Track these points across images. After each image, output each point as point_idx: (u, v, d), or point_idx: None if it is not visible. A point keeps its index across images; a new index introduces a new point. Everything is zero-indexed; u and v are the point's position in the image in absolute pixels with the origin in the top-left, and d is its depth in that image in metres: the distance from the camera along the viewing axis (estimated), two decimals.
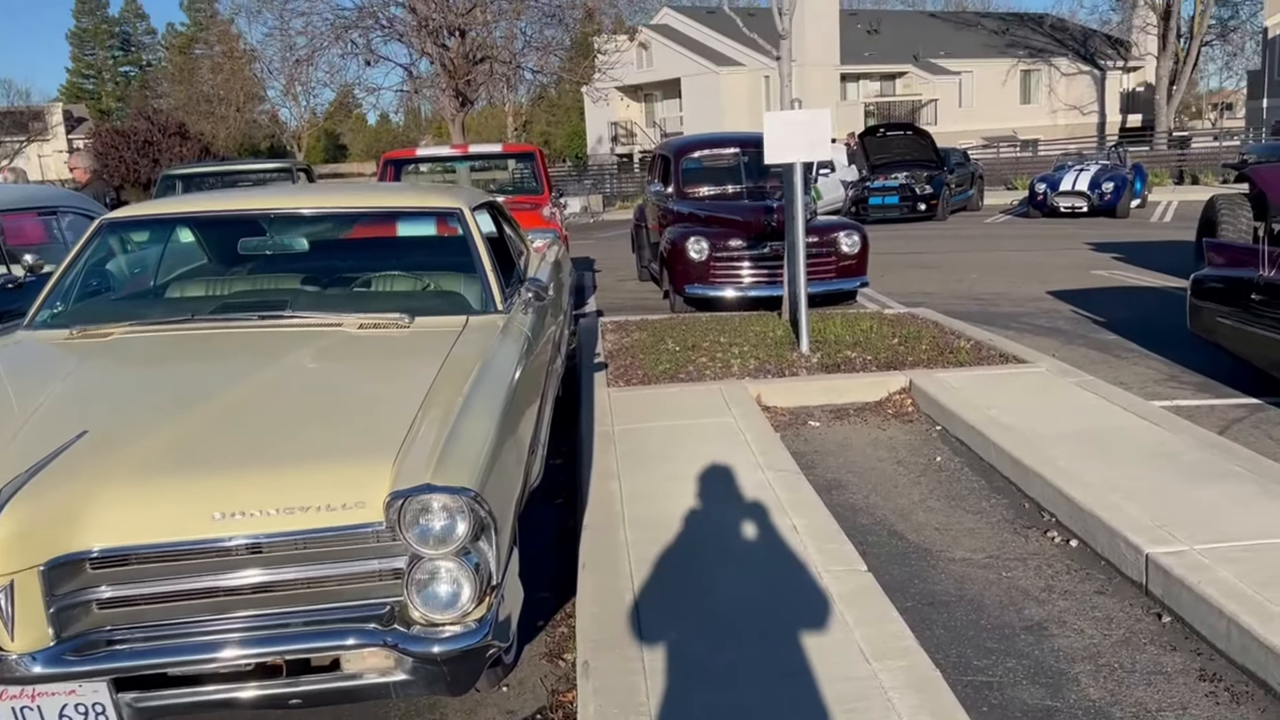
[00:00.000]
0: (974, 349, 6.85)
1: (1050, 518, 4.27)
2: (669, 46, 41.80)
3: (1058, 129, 44.26)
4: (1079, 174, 19.62)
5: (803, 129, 6.46)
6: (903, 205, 20.19)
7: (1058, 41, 46.57)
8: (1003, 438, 4.92)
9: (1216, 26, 42.99)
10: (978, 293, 10.58)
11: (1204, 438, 4.78)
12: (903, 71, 44.46)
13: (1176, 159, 29.96)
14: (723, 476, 4.52)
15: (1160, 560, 3.48)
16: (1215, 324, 6.23)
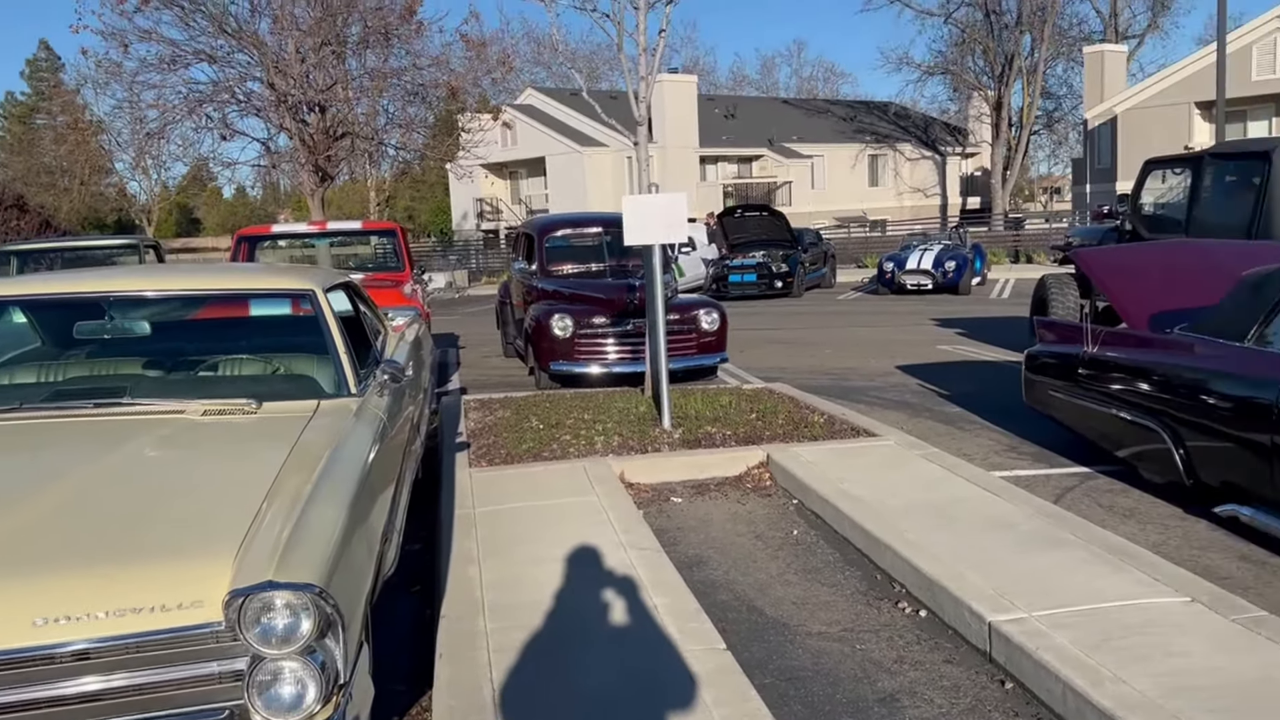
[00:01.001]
0: (827, 423, 7.07)
1: (901, 589, 4.41)
2: (533, 126, 42.39)
3: (904, 210, 46.76)
4: (923, 253, 20.71)
5: (660, 211, 6.64)
6: (760, 283, 20.84)
7: (901, 128, 49.43)
8: (855, 510, 5.08)
9: (1043, 117, 46.51)
10: (831, 367, 10.97)
11: (1040, 507, 5.05)
12: (759, 154, 46.28)
13: (1012, 239, 32.02)
14: (585, 558, 4.49)
15: (1002, 628, 3.63)
16: (1047, 397, 6.63)
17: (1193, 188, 9.16)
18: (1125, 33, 45.06)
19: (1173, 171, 9.75)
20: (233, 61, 23.12)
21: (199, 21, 22.26)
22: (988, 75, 42.67)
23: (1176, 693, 3.09)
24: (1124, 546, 4.40)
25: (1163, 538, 4.92)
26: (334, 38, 23.93)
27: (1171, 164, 9.91)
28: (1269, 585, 4.28)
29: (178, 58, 22.29)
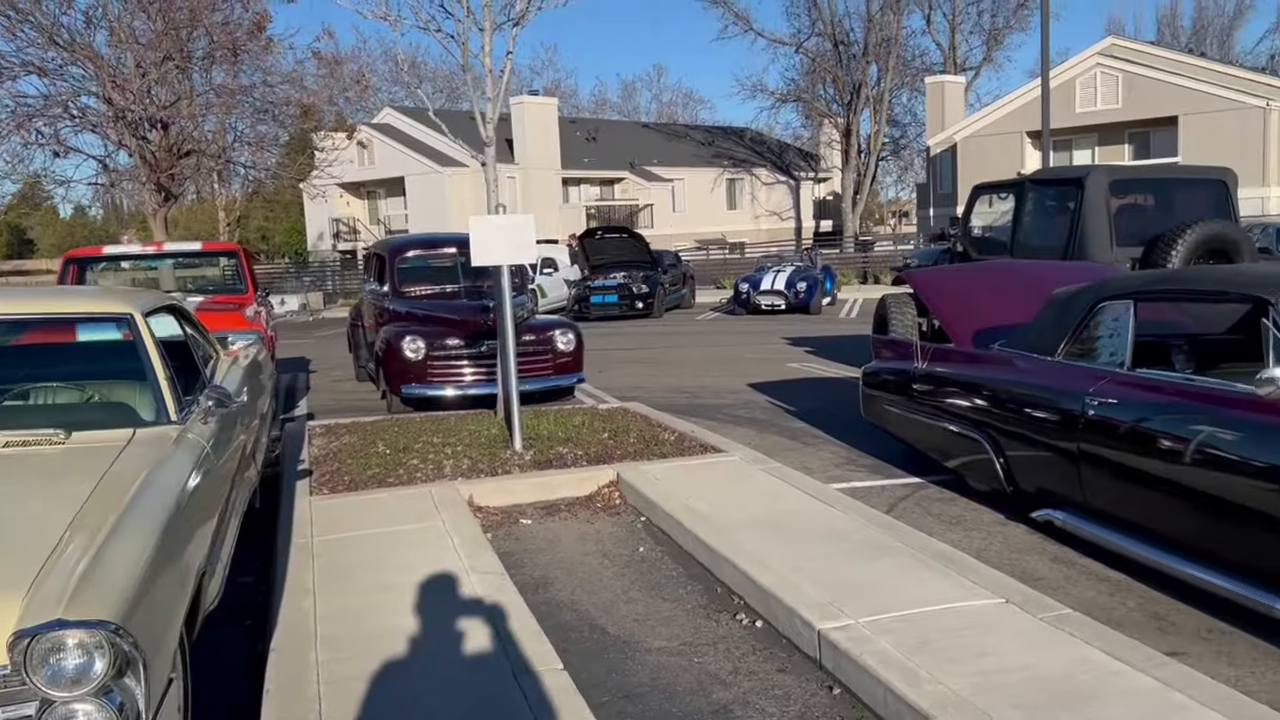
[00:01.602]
0: (678, 441, 7.18)
1: (740, 601, 4.51)
2: (391, 145, 41.68)
3: (761, 232, 48.01)
4: (777, 274, 21.31)
5: (508, 232, 6.63)
6: (622, 303, 21.02)
7: (757, 153, 50.76)
8: (698, 526, 5.17)
9: (890, 144, 48.63)
10: (687, 386, 11.14)
11: (872, 517, 5.25)
12: (621, 177, 46.76)
13: (861, 261, 33.26)
14: (425, 585, 4.42)
15: (830, 635, 3.76)
16: (883, 411, 6.91)
17: (1016, 211, 9.75)
18: (963, 65, 47.62)
19: (998, 196, 10.36)
20: (65, 75, 21.92)
21: (27, 32, 21.04)
22: (837, 103, 44.33)
23: (987, 690, 3.26)
24: (948, 553, 4.62)
25: (985, 543, 5.19)
26: (178, 52, 22.99)
27: (997, 189, 10.53)
28: (1076, 584, 4.57)
29: (3, 70, 21.00)
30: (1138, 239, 8.77)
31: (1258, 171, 31.54)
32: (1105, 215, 8.76)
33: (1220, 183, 9.36)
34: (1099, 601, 4.33)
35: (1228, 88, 32.96)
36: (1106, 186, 8.84)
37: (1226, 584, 4.00)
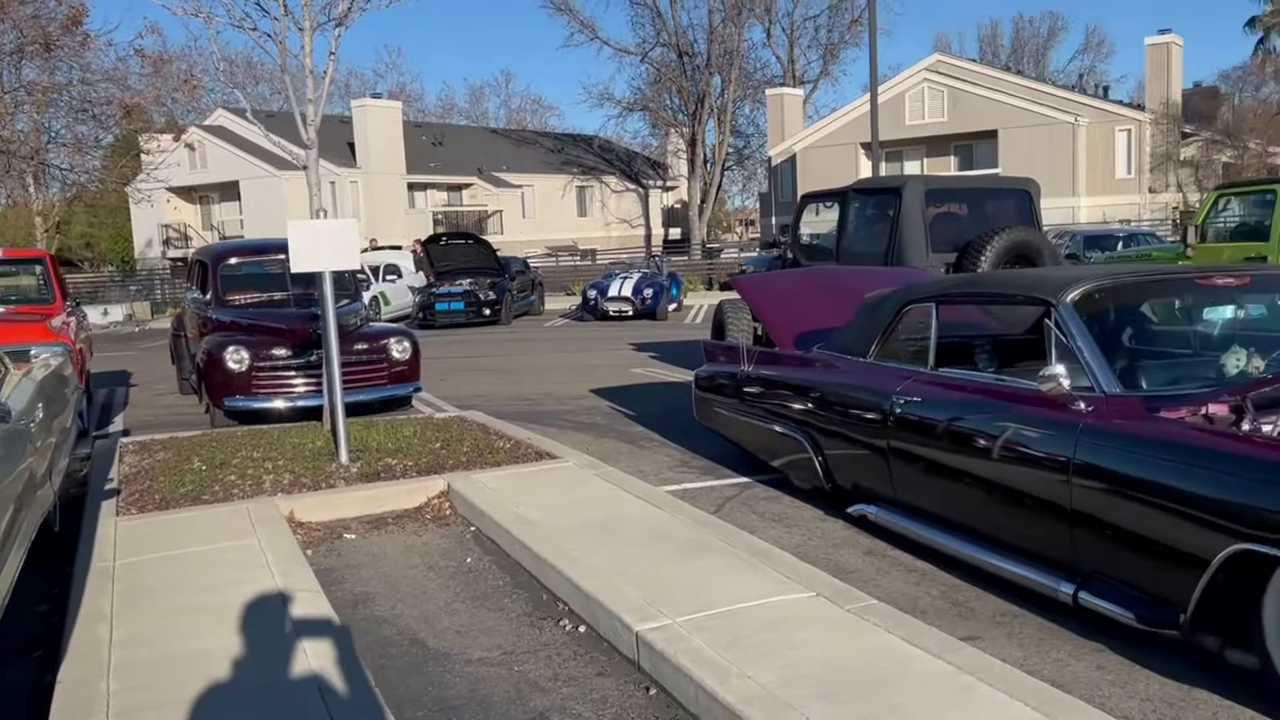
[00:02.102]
0: (513, 448, 7.13)
1: (564, 607, 4.50)
2: (224, 148, 39.96)
3: (612, 239, 48.36)
4: (624, 281, 21.51)
5: (329, 237, 6.44)
6: (468, 310, 20.77)
7: (607, 161, 51.12)
8: (526, 534, 5.14)
9: (735, 154, 49.83)
10: (530, 393, 11.09)
11: (698, 517, 5.34)
12: (469, 183, 46.24)
13: (707, 267, 33.91)
14: (233, 607, 4.23)
15: (647, 636, 3.80)
16: (713, 413, 7.05)
17: (840, 219, 10.15)
18: (802, 78, 49.32)
19: (824, 205, 10.76)
20: None
21: None
22: (683, 113, 45.11)
23: (793, 682, 3.36)
24: (766, 550, 4.75)
25: (804, 539, 5.36)
26: None
27: (823, 198, 10.93)
28: (886, 575, 4.76)
29: None
30: (951, 245, 9.27)
31: (1068, 182, 33.86)
32: (921, 223, 9.22)
33: (1025, 192, 10.00)
34: (906, 591, 4.53)
35: (1041, 104, 35.27)
36: (922, 196, 9.31)
37: (1018, 569, 4.25)
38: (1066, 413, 4.00)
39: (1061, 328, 4.20)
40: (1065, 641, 3.92)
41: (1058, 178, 33.61)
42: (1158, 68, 35.32)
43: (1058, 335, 4.20)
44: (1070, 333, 4.17)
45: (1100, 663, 3.72)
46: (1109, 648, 3.82)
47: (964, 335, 5.37)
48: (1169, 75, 35.04)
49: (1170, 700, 3.41)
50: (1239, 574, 3.29)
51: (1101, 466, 3.77)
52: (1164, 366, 4.38)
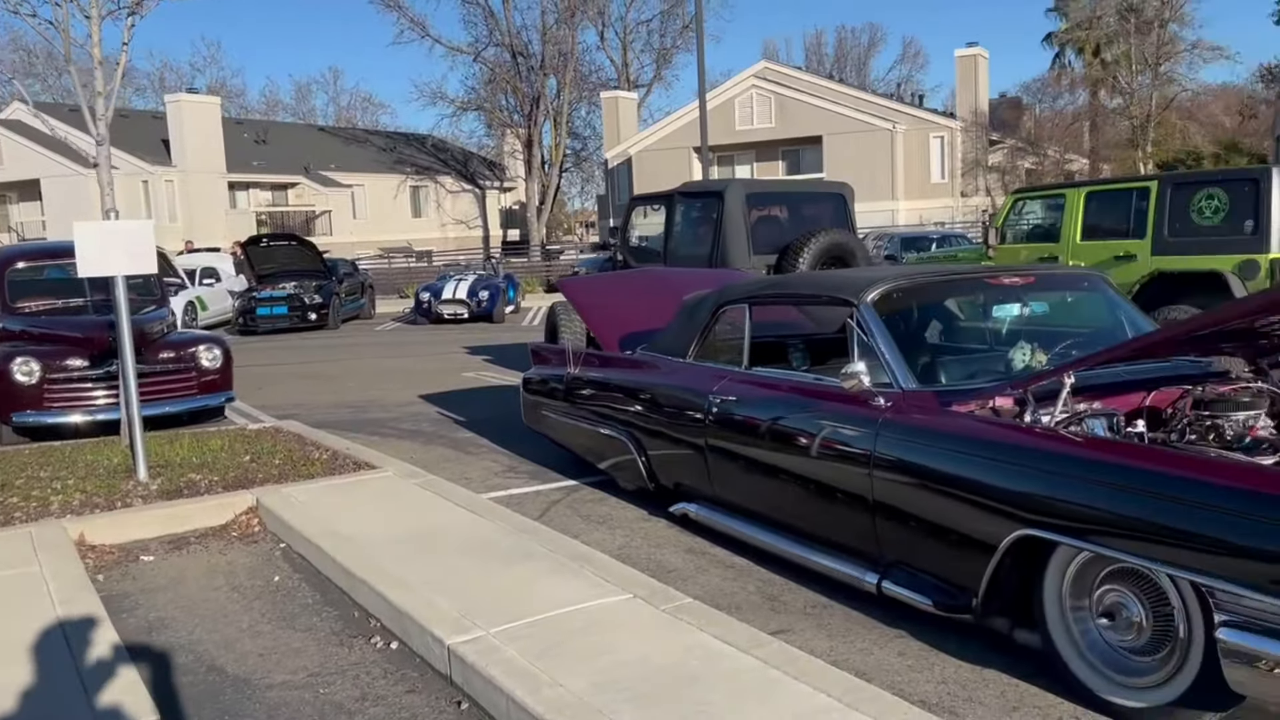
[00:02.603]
0: (330, 459, 6.86)
1: (376, 624, 4.34)
2: (23, 144, 37.04)
3: (449, 241, 47.54)
4: (458, 283, 21.15)
5: (121, 239, 6.01)
6: (293, 315, 19.96)
7: (442, 161, 50.17)
8: (338, 549, 4.93)
9: (572, 155, 49.83)
10: (354, 400, 10.73)
11: (520, 524, 5.27)
12: (295, 182, 44.53)
13: (545, 269, 33.79)
14: (5, 644, 3.87)
15: (459, 649, 3.69)
16: (541, 417, 6.99)
17: (667, 222, 10.28)
18: (636, 81, 49.86)
19: (651, 208, 10.87)
20: None
21: None
22: (519, 114, 44.77)
23: (606, 687, 3.33)
24: (586, 554, 4.72)
25: (627, 540, 5.36)
26: None
27: (650, 201, 11.05)
28: (705, 573, 4.82)
29: None
30: (772, 247, 9.52)
31: (888, 186, 35.50)
32: (743, 225, 9.43)
33: (840, 196, 10.39)
34: (723, 588, 4.59)
35: (862, 112, 36.84)
36: (743, 199, 9.53)
37: (827, 561, 4.38)
38: (867, 408, 4.14)
39: (862, 327, 4.34)
40: (871, 630, 4.05)
41: (878, 182, 35.23)
42: (967, 78, 37.52)
43: (859, 334, 4.35)
44: (870, 331, 4.32)
45: (902, 649, 3.86)
46: (911, 634, 3.97)
47: (778, 335, 5.50)
48: (976, 86, 37.28)
49: (964, 682, 3.57)
50: (1023, 559, 3.48)
51: (898, 459, 3.91)
52: (959, 362, 4.59)
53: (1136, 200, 8.82)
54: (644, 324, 6.57)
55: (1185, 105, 41.27)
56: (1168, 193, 8.60)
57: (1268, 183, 8.00)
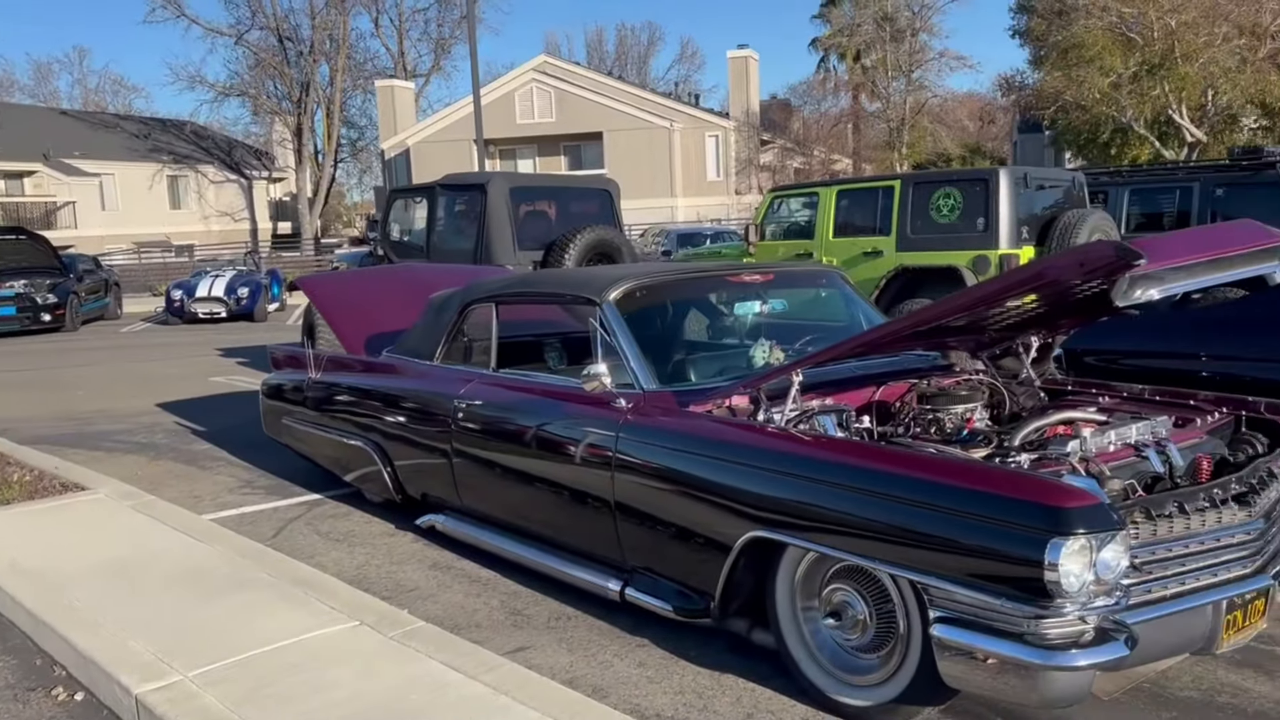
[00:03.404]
0: (34, 481, 6.09)
1: (61, 672, 3.81)
2: None
3: (212, 234, 44.61)
4: (215, 280, 19.75)
5: None
6: (23, 316, 18.00)
7: (203, 149, 46.88)
8: (21, 587, 4.32)
9: (349, 146, 47.90)
10: (81, 411, 9.69)
11: (243, 548, 4.81)
12: (31, 170, 40.46)
13: (317, 265, 32.27)
14: None
15: (147, 699, 3.26)
16: (283, 426, 6.47)
17: (429, 216, 9.87)
18: (414, 71, 48.48)
19: (413, 200, 10.43)
20: None
21: None
22: (288, 101, 42.51)
23: None
24: (314, 578, 4.35)
25: (368, 558, 5.00)
26: None
27: (411, 193, 10.60)
28: (447, 589, 4.54)
29: None
30: (539, 243, 9.33)
31: (666, 184, 36.20)
32: (508, 220, 9.18)
33: (606, 192, 10.33)
34: (465, 604, 4.34)
35: (641, 109, 37.39)
36: (508, 193, 9.28)
37: (572, 570, 4.21)
38: (609, 410, 4.00)
39: (605, 326, 4.20)
40: (614, 640, 3.91)
41: (658, 179, 35.89)
42: (739, 79, 38.81)
43: (602, 334, 4.20)
44: (613, 331, 4.17)
45: (643, 659, 3.74)
46: (655, 642, 3.86)
47: (528, 335, 5.29)
48: (748, 87, 38.63)
49: (701, 690, 3.48)
50: (756, 560, 3.43)
51: (637, 462, 3.79)
52: (702, 361, 4.54)
53: (882, 199, 9.22)
54: (393, 324, 6.18)
55: (935, 110, 44.44)
56: (909, 192, 9.03)
57: (996, 183, 8.54)
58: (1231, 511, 3.10)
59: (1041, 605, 2.66)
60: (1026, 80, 33.34)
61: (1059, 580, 2.61)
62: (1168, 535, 2.99)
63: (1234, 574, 3.10)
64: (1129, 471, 3.21)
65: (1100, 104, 24.18)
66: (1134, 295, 2.85)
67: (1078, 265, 2.77)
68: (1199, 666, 3.47)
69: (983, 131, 49.32)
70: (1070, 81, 24.31)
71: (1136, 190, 10.57)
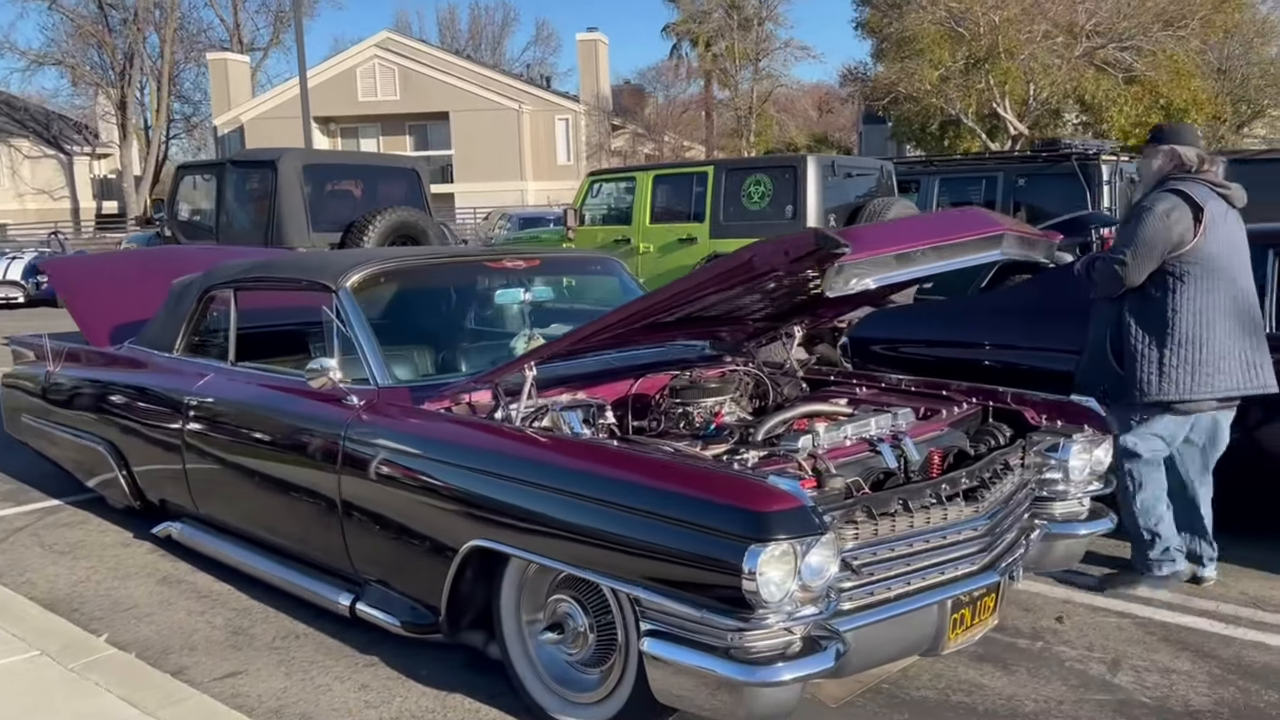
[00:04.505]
0: None
1: None
2: None
3: (28, 213, 41.37)
4: (11, 263, 18.23)
5: None
6: None
7: (17, 122, 43.38)
8: None
9: (183, 121, 45.26)
10: None
11: None
12: None
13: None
14: None
15: None
16: (23, 424, 5.85)
17: (218, 194, 9.21)
18: (251, 44, 46.18)
19: (203, 178, 9.73)
20: None
21: None
22: (111, 71, 39.82)
23: None
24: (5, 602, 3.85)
25: (90, 573, 4.50)
26: None
27: (201, 170, 9.88)
28: (170, 607, 4.09)
29: None
30: (338, 225, 8.82)
31: (516, 166, 35.64)
32: (300, 199, 8.64)
33: (413, 172, 9.88)
34: (184, 624, 3.92)
35: (489, 90, 36.65)
36: (300, 170, 8.72)
37: (305, 583, 3.86)
38: (341, 408, 3.65)
39: (340, 315, 3.84)
40: (340, 660, 3.58)
41: (507, 161, 35.29)
42: (588, 63, 38.51)
43: (337, 323, 3.84)
44: (348, 320, 3.82)
45: (367, 681, 3.43)
46: (385, 661, 3.56)
47: (273, 325, 4.86)
48: (598, 70, 38.37)
49: (422, 713, 3.21)
50: (483, 570, 3.17)
51: (362, 464, 3.47)
52: (454, 354, 4.24)
53: (696, 185, 9.11)
54: (145, 313, 5.65)
55: (781, 100, 45.21)
56: (722, 178, 8.95)
57: (804, 170, 8.53)
58: (959, 508, 3.01)
59: (742, 617, 2.48)
60: (869, 72, 34.25)
61: (758, 590, 2.43)
62: (890, 534, 2.87)
63: (961, 571, 3.02)
64: (858, 468, 3.08)
65: (930, 96, 24.98)
66: (845, 285, 2.70)
67: (783, 254, 2.60)
68: (939, 664, 3.41)
69: (827, 121, 50.56)
70: (903, 73, 25.02)
71: (946, 180, 10.80)
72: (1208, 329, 3.73)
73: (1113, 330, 3.91)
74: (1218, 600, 3.97)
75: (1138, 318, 3.81)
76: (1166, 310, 3.75)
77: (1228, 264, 3.79)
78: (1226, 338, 3.74)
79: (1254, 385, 3.81)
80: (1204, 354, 3.72)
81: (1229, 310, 3.76)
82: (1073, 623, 3.79)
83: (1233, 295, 3.78)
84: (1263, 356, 3.84)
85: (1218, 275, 3.75)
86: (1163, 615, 3.85)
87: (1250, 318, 3.85)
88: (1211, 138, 28.40)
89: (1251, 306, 3.88)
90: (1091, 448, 3.58)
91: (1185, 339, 3.72)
